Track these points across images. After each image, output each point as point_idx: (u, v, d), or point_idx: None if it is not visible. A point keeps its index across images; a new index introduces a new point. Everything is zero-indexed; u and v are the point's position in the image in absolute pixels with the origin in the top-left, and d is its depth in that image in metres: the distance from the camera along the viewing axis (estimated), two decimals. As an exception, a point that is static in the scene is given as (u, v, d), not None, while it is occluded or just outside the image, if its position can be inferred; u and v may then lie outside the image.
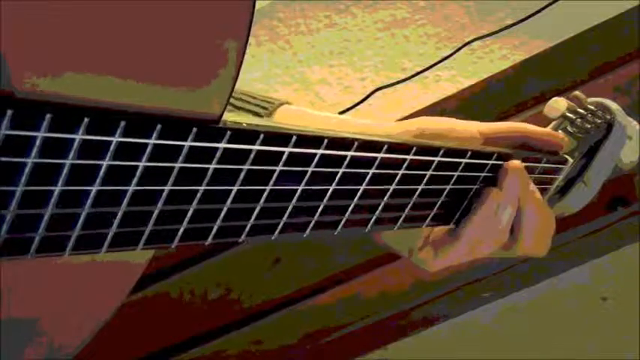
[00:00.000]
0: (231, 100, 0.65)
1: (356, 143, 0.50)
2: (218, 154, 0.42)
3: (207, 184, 0.43)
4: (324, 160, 0.48)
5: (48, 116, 0.34)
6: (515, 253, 0.69)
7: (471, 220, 0.65)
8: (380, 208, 0.57)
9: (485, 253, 0.68)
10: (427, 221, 0.64)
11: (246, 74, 0.41)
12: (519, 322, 1.54)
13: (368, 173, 0.53)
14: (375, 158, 0.53)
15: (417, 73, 1.41)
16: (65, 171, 0.36)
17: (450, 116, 0.72)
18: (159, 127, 0.38)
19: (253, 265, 1.40)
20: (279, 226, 0.50)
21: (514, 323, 1.54)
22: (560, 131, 0.75)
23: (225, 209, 0.45)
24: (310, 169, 0.48)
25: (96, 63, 0.36)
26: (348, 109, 1.42)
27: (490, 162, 0.64)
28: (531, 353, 1.54)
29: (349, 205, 0.54)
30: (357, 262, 1.40)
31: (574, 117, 0.74)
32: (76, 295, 0.51)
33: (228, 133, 0.41)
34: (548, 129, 0.75)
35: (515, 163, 0.66)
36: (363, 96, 1.42)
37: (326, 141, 0.48)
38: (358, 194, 0.54)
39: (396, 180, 0.56)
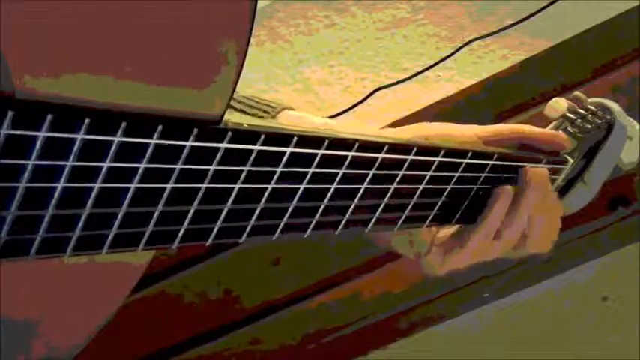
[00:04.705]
0: (233, 103, 0.65)
1: (357, 144, 0.50)
2: (219, 155, 0.42)
3: (208, 185, 0.43)
4: (325, 161, 0.48)
5: (49, 117, 0.34)
6: (524, 254, 0.69)
7: (481, 226, 0.64)
8: (380, 208, 0.57)
9: (494, 256, 0.67)
10: (427, 222, 0.64)
11: (246, 74, 0.41)
12: (519, 322, 1.54)
13: (369, 174, 0.53)
14: (376, 159, 0.53)
15: (417, 73, 1.40)
16: (66, 172, 0.36)
17: (450, 117, 0.72)
18: (160, 127, 0.38)
19: (253, 265, 1.40)
20: (280, 227, 0.50)
21: (514, 323, 1.54)
22: (560, 131, 0.75)
23: (225, 210, 0.45)
24: (311, 170, 0.48)
25: (97, 64, 0.36)
26: (348, 109, 1.42)
27: (491, 162, 0.64)
28: (531, 353, 1.54)
29: (350, 206, 0.54)
30: (357, 262, 1.40)
31: (574, 117, 0.74)
32: (76, 295, 0.51)
33: (229, 133, 0.41)
34: (549, 129, 0.75)
35: (542, 171, 0.66)
36: (363, 96, 1.42)
37: (327, 142, 0.48)
38: (359, 194, 0.54)
39: (397, 180, 0.56)
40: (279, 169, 0.46)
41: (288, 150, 0.45)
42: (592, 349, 1.49)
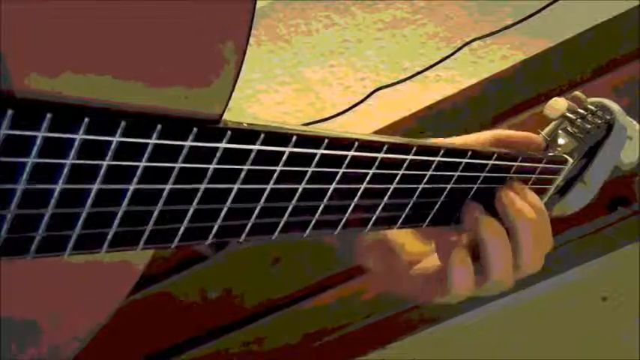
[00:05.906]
0: None
1: (356, 143, 0.50)
2: (218, 154, 0.42)
3: (208, 184, 0.43)
4: (325, 160, 0.48)
5: (48, 116, 0.34)
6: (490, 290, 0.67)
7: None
8: (380, 208, 0.57)
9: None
10: (427, 221, 0.64)
11: (246, 74, 0.41)
12: (519, 322, 1.54)
13: (368, 173, 0.53)
14: (376, 158, 0.53)
15: (417, 73, 1.40)
16: (65, 171, 0.36)
17: (450, 117, 0.71)
18: (159, 127, 0.38)
19: (253, 265, 1.40)
20: (280, 226, 0.50)
21: (513, 323, 1.54)
22: (560, 131, 0.75)
23: (225, 209, 0.45)
24: (310, 169, 0.48)
25: (96, 63, 0.36)
26: (348, 109, 1.42)
27: (490, 162, 0.64)
28: (531, 353, 1.54)
29: (349, 205, 0.54)
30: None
31: (574, 117, 0.74)
32: (75, 295, 0.51)
33: (229, 133, 0.41)
34: (548, 129, 0.75)
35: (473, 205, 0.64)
36: (363, 96, 1.42)
37: (326, 141, 0.48)
38: (358, 194, 0.54)
39: (397, 180, 0.56)
40: (278, 169, 0.46)
41: (288, 149, 0.45)
42: (592, 349, 1.49)
